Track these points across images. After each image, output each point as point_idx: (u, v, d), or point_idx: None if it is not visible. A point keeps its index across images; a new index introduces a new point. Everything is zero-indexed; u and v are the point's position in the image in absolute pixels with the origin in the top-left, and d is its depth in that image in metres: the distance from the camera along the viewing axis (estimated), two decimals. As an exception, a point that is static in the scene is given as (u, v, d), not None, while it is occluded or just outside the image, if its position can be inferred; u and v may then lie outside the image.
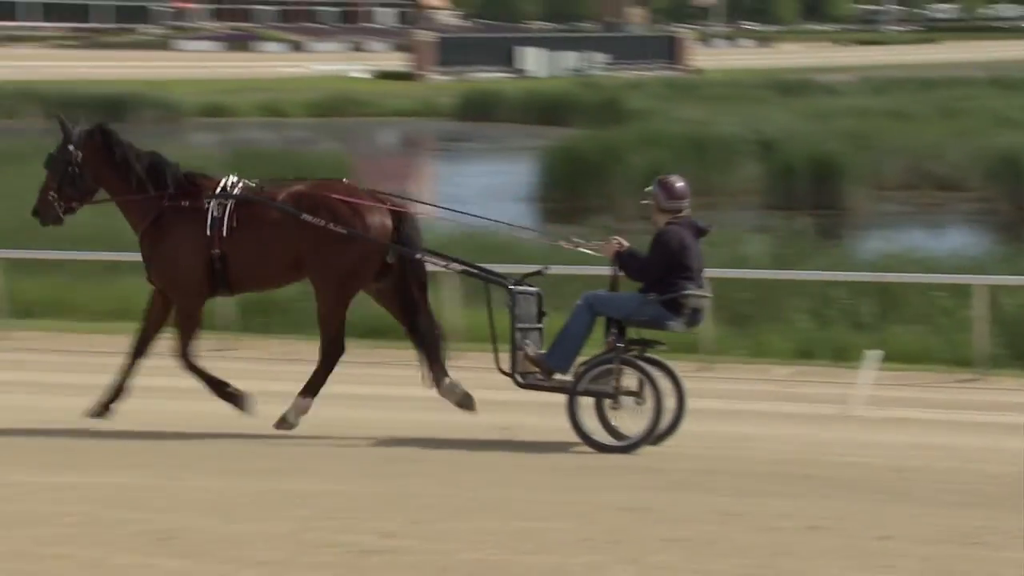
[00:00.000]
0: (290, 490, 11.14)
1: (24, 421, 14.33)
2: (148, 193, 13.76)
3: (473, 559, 8.94)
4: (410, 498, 10.81)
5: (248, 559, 8.98)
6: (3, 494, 10.81)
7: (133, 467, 12.05)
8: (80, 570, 8.82)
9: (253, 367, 18.84)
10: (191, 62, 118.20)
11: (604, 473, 12.26)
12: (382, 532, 9.57)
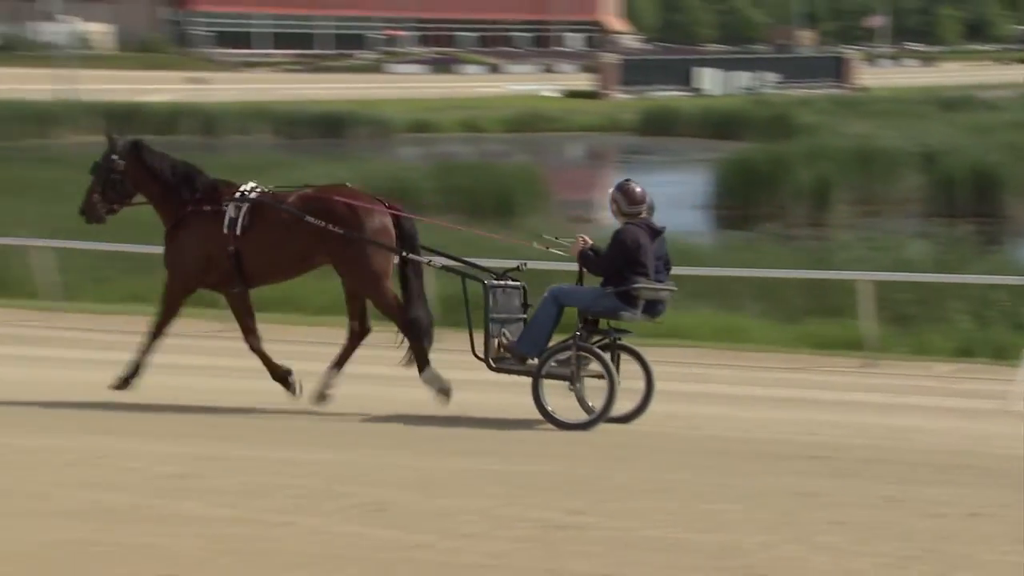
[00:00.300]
0: (486, 469, 11.18)
1: (254, 403, 14.49)
2: (178, 197, 14.25)
3: (653, 536, 8.95)
4: (595, 479, 10.80)
5: (451, 531, 9.06)
6: (233, 467, 11.01)
7: (345, 446, 12.16)
8: (304, 537, 8.96)
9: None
10: (400, 83, 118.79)
11: (772, 459, 12.16)
12: (570, 510, 9.61)
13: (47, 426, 12.88)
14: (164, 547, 8.71)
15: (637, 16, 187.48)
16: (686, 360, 19.95)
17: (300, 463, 11.25)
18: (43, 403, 14.32)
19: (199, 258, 14.16)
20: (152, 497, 9.94)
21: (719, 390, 17.47)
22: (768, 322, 22.50)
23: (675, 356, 20.21)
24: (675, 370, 19.04)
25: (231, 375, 16.87)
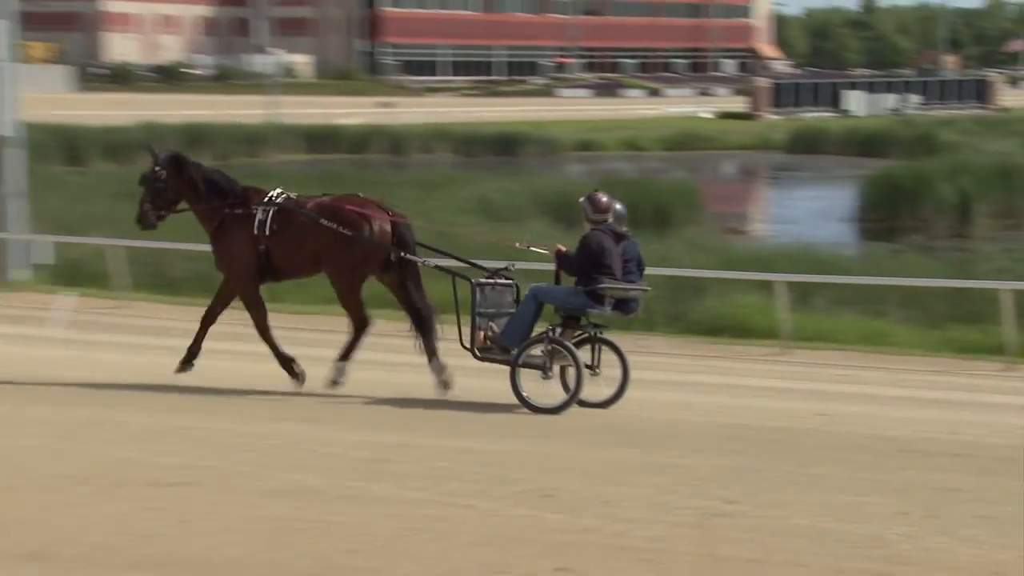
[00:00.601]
0: (646, 460, 11.12)
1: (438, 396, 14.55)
2: (214, 203, 14.70)
3: (801, 525, 8.87)
4: (746, 471, 10.72)
5: (616, 516, 9.03)
6: (419, 454, 11.06)
7: (515, 437, 12.18)
8: (482, 519, 8.99)
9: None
10: (568, 106, 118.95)
11: (916, 456, 11.94)
12: (725, 499, 9.55)
13: (252, 415, 13.06)
14: (356, 525, 8.80)
15: (788, 43, 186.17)
16: (833, 362, 19.75)
17: (477, 452, 11.29)
18: (246, 392, 14.54)
19: (248, 256, 14.61)
20: (346, 480, 10.04)
21: (865, 390, 17.24)
22: (912, 327, 22.10)
23: (823, 358, 20.05)
24: (823, 371, 18.89)
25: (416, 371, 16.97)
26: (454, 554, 8.22)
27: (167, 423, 12.31)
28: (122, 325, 21.82)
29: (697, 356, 19.85)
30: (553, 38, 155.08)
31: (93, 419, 12.35)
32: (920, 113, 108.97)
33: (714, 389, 16.92)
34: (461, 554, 8.23)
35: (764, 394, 16.50)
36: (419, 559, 8.13)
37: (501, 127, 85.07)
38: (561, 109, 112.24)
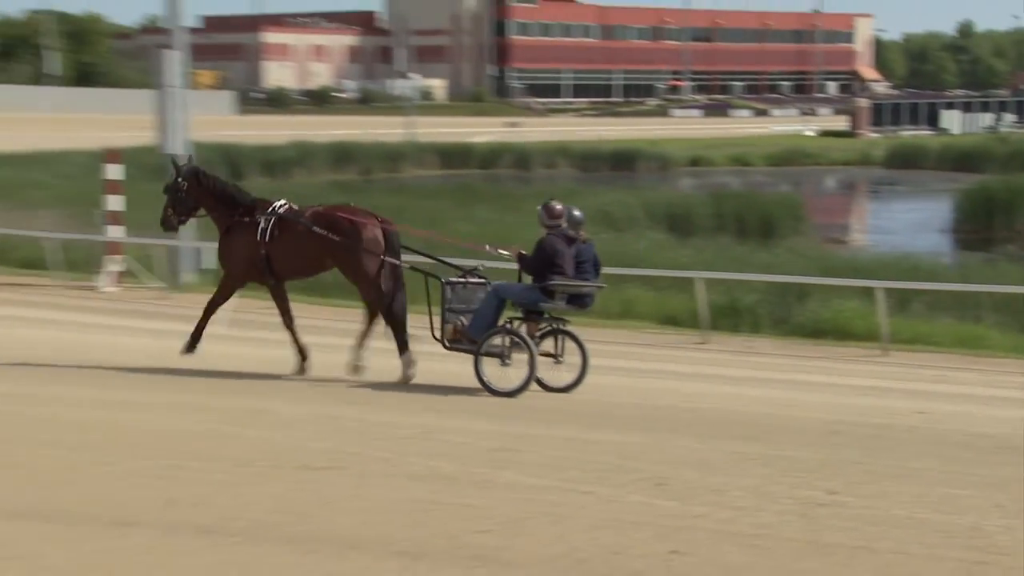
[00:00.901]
0: (753, 452, 11.03)
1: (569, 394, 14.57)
2: (227, 211, 15.31)
3: (901, 515, 8.76)
4: (848, 464, 10.59)
5: (725, 504, 8.97)
6: (543, 444, 11.06)
7: (631, 429, 12.12)
8: (601, 504, 8.96)
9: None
10: (680, 125, 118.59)
11: (1012, 452, 11.68)
12: (828, 489, 9.45)
13: (389, 407, 13.13)
14: (486, 508, 8.82)
15: (888, 66, 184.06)
16: (931, 364, 19.43)
17: (596, 442, 11.26)
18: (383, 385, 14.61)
19: (242, 259, 15.16)
20: (476, 466, 10.07)
21: (962, 390, 16.96)
22: (1006, 332, 21.69)
23: (921, 360, 19.75)
24: (921, 372, 18.61)
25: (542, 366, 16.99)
26: (574, 536, 8.21)
27: (317, 412, 12.45)
28: (277, 324, 21.92)
29: (801, 357, 19.65)
30: (667, 63, 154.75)
31: (253, 408, 12.51)
32: (1014, 131, 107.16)
33: (817, 387, 16.74)
34: (580, 536, 8.22)
35: (865, 393, 16.29)
36: (542, 540, 8.14)
37: (618, 144, 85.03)
38: (674, 128, 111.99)
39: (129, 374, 14.91)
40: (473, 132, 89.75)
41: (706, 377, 17.08)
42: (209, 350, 16.64)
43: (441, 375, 15.30)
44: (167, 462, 10.02)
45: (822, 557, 7.89)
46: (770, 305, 22.62)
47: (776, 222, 42.29)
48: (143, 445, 10.71)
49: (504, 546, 8.03)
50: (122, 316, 21.90)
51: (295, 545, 7.98)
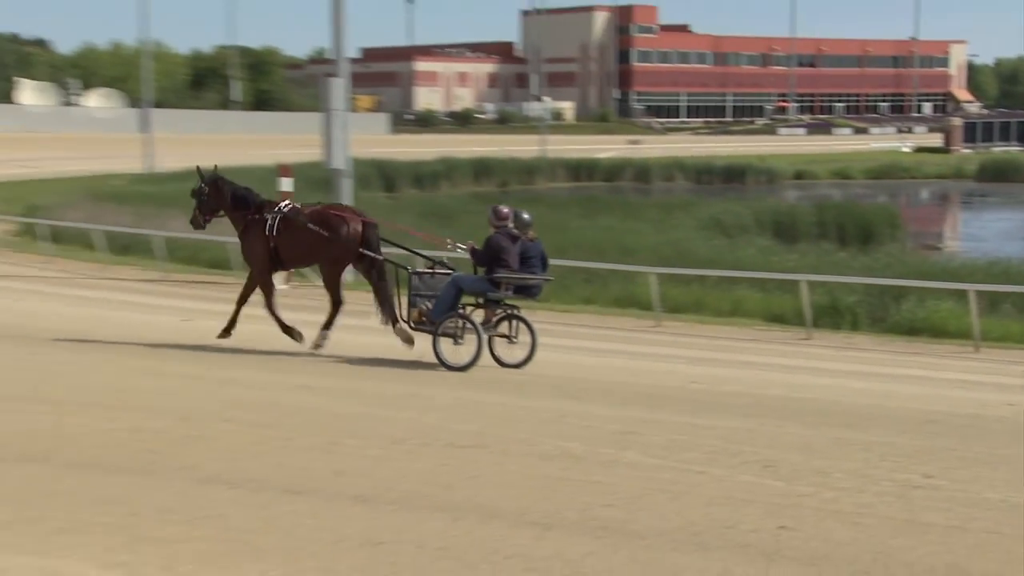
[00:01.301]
0: (854, 438, 10.86)
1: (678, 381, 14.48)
2: (242, 211, 15.98)
3: (995, 499, 8.57)
4: (943, 451, 10.35)
5: (828, 485, 8.84)
6: (663, 428, 10.98)
7: (743, 416, 12.01)
8: (714, 483, 8.87)
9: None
10: (786, 142, 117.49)
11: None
12: (924, 473, 9.27)
13: (527, 392, 13.16)
14: (611, 484, 8.80)
15: (980, 88, 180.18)
16: (1019, 360, 19.00)
17: (710, 427, 11.19)
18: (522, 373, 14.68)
19: (260, 253, 15.83)
20: (602, 447, 10.04)
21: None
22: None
23: (1011, 357, 19.41)
24: (1011, 368, 18.35)
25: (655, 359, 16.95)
26: (690, 511, 8.16)
27: (462, 397, 12.51)
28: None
29: (897, 353, 19.33)
30: (774, 86, 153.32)
31: (404, 392, 12.61)
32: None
33: (913, 381, 16.48)
34: (696, 511, 8.16)
35: (957, 386, 15.99)
36: (661, 514, 8.10)
37: (729, 160, 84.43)
38: (780, 145, 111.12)
39: (295, 360, 15.12)
40: (598, 149, 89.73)
41: (809, 370, 16.89)
42: (358, 341, 16.83)
43: (573, 367, 15.32)
44: (331, 439, 10.16)
45: (919, 535, 7.75)
46: (869, 305, 22.33)
47: (874, 230, 41.73)
48: (311, 423, 10.87)
49: (627, 519, 8.00)
50: (290, 311, 22.07)
51: (443, 513, 8.03)
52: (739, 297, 23.56)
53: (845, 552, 7.45)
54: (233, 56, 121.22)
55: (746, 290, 23.84)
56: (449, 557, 7.19)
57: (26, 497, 8.32)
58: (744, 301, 23.43)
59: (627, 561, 7.17)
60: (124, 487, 8.57)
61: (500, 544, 7.45)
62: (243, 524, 7.75)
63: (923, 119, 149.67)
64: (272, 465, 9.25)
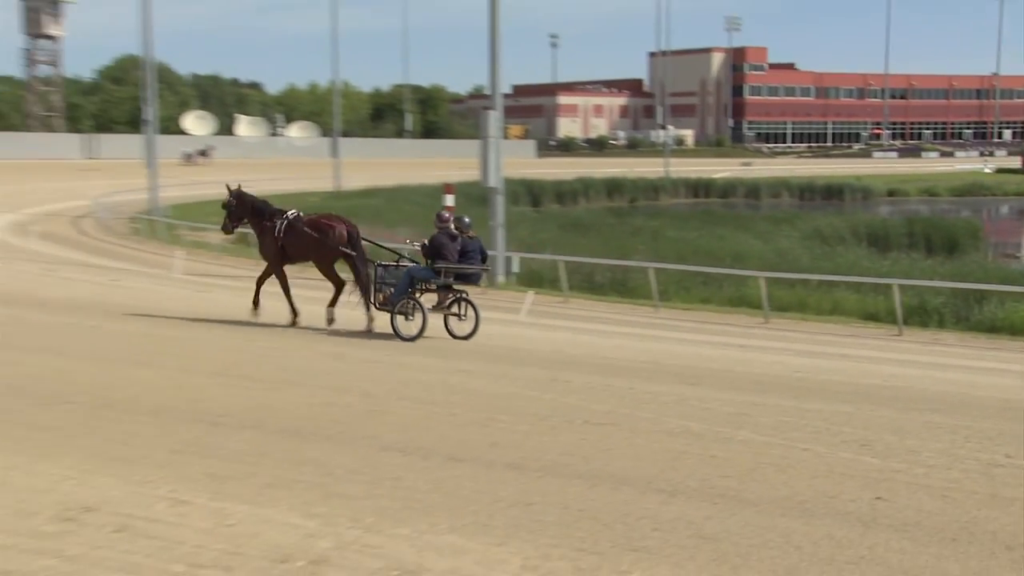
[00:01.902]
0: (943, 422, 10.57)
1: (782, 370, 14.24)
2: (259, 219, 17.04)
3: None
4: (1021, 434, 10.07)
5: (919, 462, 8.67)
6: (772, 410, 10.81)
7: (842, 401, 11.73)
8: (816, 458, 8.74)
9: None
10: (880, 164, 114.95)
11: None
12: (1005, 454, 9.07)
13: (653, 378, 13.08)
14: (726, 458, 8.71)
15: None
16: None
17: (814, 411, 10.99)
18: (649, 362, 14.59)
19: (272, 251, 16.79)
20: (718, 426, 9.94)
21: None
22: None
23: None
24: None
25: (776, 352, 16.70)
26: (796, 483, 8.05)
27: (597, 382, 12.45)
28: (563, 313, 22.16)
29: (980, 348, 18.72)
30: (869, 116, 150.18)
31: (549, 377, 12.59)
32: None
33: (994, 372, 15.94)
34: (801, 483, 8.06)
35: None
36: (771, 485, 8.01)
37: (829, 180, 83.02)
38: (875, 167, 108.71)
39: (458, 347, 15.23)
40: (714, 170, 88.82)
41: (900, 362, 16.46)
42: (512, 332, 16.91)
43: (692, 357, 15.17)
44: (487, 415, 10.22)
45: (1001, 508, 7.57)
46: (954, 306, 21.76)
47: (958, 241, 40.70)
48: (470, 402, 10.94)
49: (741, 488, 7.93)
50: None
51: (582, 480, 8.03)
52: (838, 298, 23.17)
53: (934, 521, 7.30)
54: (406, 93, 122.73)
55: (844, 292, 23.45)
56: (588, 517, 7.20)
57: (243, 457, 8.55)
58: (842, 302, 23.04)
59: (741, 525, 7.11)
60: (318, 452, 8.75)
61: (631, 507, 7.43)
62: (414, 485, 7.85)
63: (1003, 144, 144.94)
64: (437, 436, 9.35)
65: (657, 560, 6.45)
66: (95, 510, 7.09)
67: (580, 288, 25.46)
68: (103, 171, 45.37)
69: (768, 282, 22.61)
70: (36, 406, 10.27)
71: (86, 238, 35.34)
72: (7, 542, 6.49)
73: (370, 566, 6.21)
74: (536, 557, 6.44)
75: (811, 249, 32.78)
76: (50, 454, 8.47)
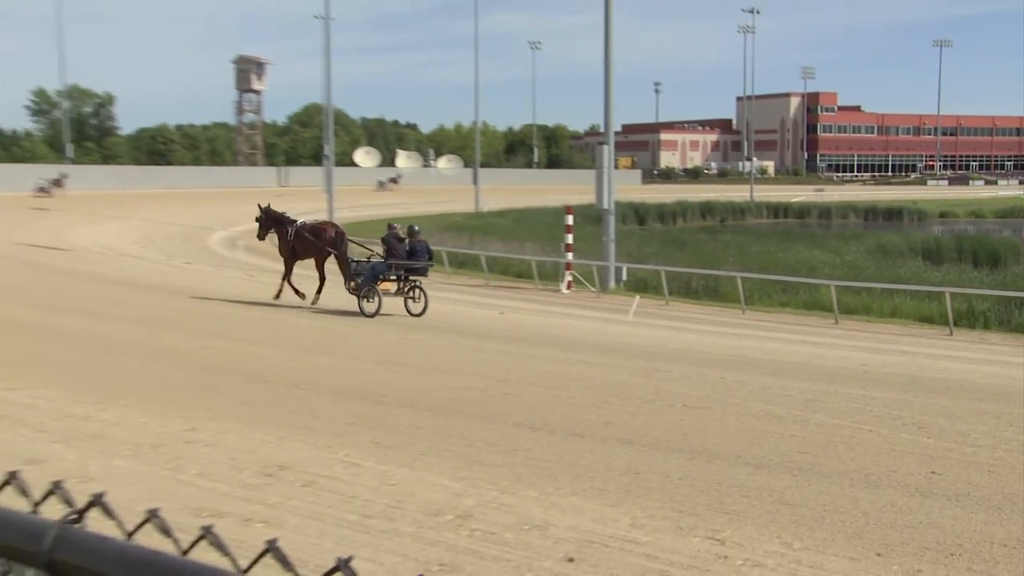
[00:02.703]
0: (989, 409, 10.17)
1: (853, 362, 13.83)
2: (280, 227, 18.59)
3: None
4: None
5: (969, 443, 8.38)
6: (842, 397, 10.52)
7: (898, 389, 11.38)
8: (880, 439, 8.50)
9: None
10: (933, 191, 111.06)
11: None
12: (1043, 436, 8.70)
13: (742, 369, 12.85)
14: (803, 438, 8.53)
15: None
16: None
17: (878, 398, 10.66)
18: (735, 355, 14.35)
19: (287, 251, 18.35)
20: (796, 410, 9.73)
21: None
22: None
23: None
24: None
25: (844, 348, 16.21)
26: (862, 459, 7.85)
27: (693, 372, 12.32)
28: (664, 314, 21.92)
29: (1020, 346, 17.87)
30: (924, 150, 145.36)
31: (652, 368, 12.49)
32: None
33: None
34: (867, 459, 7.85)
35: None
36: (841, 460, 7.82)
37: (890, 203, 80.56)
38: (928, 192, 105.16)
39: (578, 341, 15.20)
40: (792, 195, 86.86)
41: (951, 357, 15.81)
42: (622, 330, 16.79)
43: (773, 352, 14.84)
44: (602, 399, 10.17)
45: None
46: (997, 311, 20.91)
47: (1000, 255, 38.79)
48: (588, 387, 10.89)
49: (816, 463, 7.76)
50: (571, 307, 22.33)
51: (681, 454, 7.95)
52: (897, 303, 22.49)
53: (982, 492, 7.08)
54: (534, 131, 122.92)
55: (902, 298, 22.73)
56: (686, 485, 7.11)
57: (402, 430, 8.67)
58: (901, 306, 22.36)
59: (816, 493, 6.97)
60: (463, 426, 8.81)
61: (723, 477, 7.32)
62: (541, 455, 7.85)
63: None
64: (560, 416, 9.33)
65: (745, 521, 6.35)
66: (288, 468, 7.27)
67: (678, 293, 25.20)
68: (292, 196, 46.41)
69: (837, 289, 22.11)
70: (242, 384, 10.60)
71: (276, 249, 36.28)
72: (224, 491, 6.70)
73: (506, 521, 6.24)
74: (643, 517, 6.39)
75: (874, 261, 31.91)
76: (253, 422, 8.72)
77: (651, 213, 64.75)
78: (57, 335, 13.82)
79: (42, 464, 6.91)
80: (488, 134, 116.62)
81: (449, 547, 5.70)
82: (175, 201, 54.72)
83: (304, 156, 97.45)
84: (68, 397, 9.52)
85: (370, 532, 5.94)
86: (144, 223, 40.38)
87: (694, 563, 5.60)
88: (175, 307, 17.57)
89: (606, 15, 27.66)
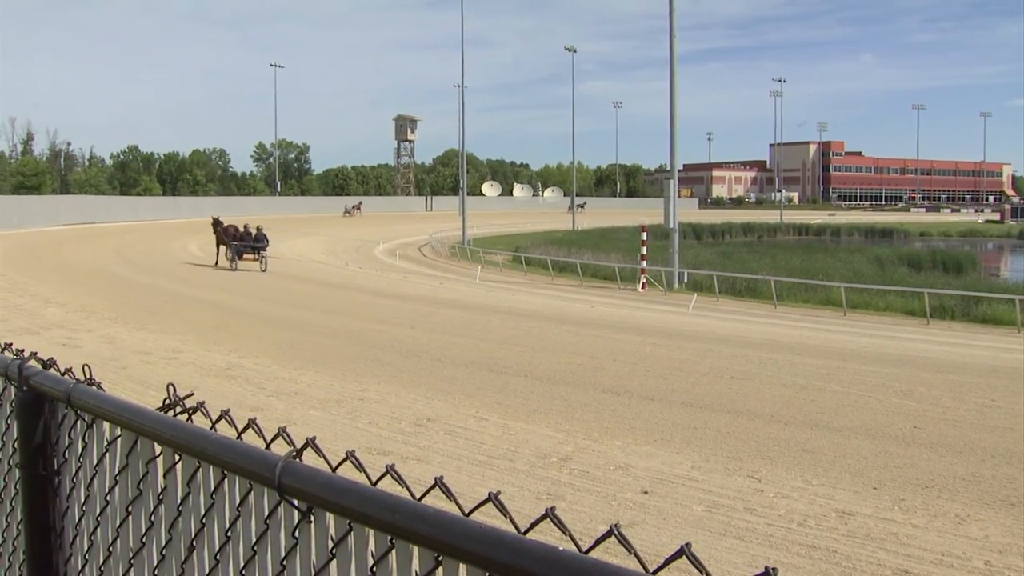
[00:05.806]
0: (955, 380, 9.58)
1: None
2: (215, 228, 22.89)
3: None
4: (1000, 388, 9.05)
5: (941, 405, 7.90)
6: (843, 373, 9.98)
7: (892, 365, 10.71)
8: (876, 402, 8.07)
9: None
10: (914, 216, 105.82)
11: None
12: (992, 399, 8.43)
13: (772, 348, 12.33)
14: (821, 402, 8.14)
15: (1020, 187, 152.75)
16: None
17: (874, 371, 10.08)
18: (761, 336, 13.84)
19: (220, 240, 22.44)
20: (815, 381, 9.32)
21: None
22: None
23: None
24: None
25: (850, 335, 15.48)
26: (864, 417, 7.49)
27: (738, 352, 11.83)
28: (715, 308, 21.37)
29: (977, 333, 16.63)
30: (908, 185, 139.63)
31: (706, 349, 12.07)
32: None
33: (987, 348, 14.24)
34: (867, 417, 7.49)
35: (1005, 351, 13.68)
36: (848, 418, 7.48)
37: (883, 225, 77.37)
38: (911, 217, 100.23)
39: (651, 327, 14.90)
40: (811, 218, 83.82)
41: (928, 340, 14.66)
42: (683, 320, 16.32)
43: (797, 337, 14.24)
44: (668, 372, 9.91)
45: (990, 433, 7.17)
46: (962, 306, 20.18)
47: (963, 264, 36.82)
48: (657, 363, 10.66)
49: (830, 421, 7.47)
50: (645, 302, 21.89)
51: (728, 414, 7.73)
52: (889, 300, 21.62)
53: (949, 441, 6.89)
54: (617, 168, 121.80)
55: (893, 296, 21.80)
56: (733, 438, 6.92)
57: (518, 393, 8.56)
58: (892, 303, 21.50)
59: (830, 444, 6.77)
60: (564, 391, 8.70)
61: (760, 432, 7.10)
62: (623, 414, 7.71)
63: (989, 205, 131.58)
64: (637, 384, 9.13)
65: (776, 464, 6.19)
66: (434, 420, 7.33)
67: (726, 292, 24.55)
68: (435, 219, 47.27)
69: (845, 290, 21.38)
70: (399, 357, 10.70)
71: (424, 257, 36.60)
72: (387, 436, 6.80)
73: (596, 462, 6.16)
74: (700, 460, 6.26)
75: (873, 269, 30.74)
76: (408, 385, 8.82)
77: (705, 231, 63.46)
78: (265, 319, 14.19)
79: (262, 411, 7.15)
80: (582, 171, 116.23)
81: (554, 481, 5.67)
82: (350, 223, 56.20)
83: (444, 188, 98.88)
84: (277, 364, 9.80)
85: (495, 469, 5.95)
86: (328, 238, 41.49)
87: (739, 495, 5.49)
88: (351, 300, 17.75)
89: (671, 82, 27.35)
